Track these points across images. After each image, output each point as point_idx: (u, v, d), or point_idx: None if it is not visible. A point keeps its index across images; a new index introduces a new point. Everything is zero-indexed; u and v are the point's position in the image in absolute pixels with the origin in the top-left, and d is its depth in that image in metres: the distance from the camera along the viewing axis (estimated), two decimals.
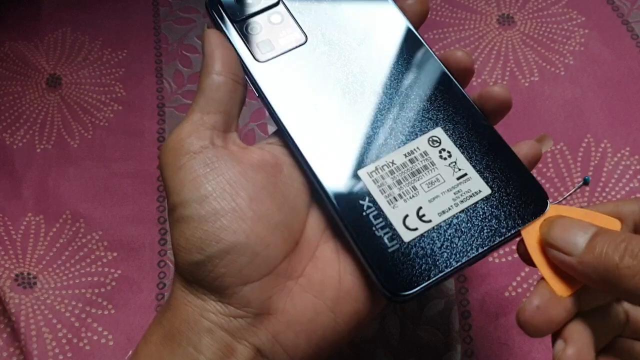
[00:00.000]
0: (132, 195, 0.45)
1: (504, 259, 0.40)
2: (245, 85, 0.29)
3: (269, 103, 0.28)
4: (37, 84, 0.50)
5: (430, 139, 0.27)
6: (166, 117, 0.48)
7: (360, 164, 0.27)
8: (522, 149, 0.28)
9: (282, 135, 0.28)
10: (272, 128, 0.47)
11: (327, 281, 0.26)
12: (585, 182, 0.43)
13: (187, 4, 0.54)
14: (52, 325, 0.40)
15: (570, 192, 0.35)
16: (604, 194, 0.42)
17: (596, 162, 0.43)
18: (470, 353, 0.37)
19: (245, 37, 0.29)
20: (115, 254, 0.42)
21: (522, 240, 0.26)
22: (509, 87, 0.28)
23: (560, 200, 0.31)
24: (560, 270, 0.24)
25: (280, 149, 0.29)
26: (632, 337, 0.27)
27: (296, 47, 0.29)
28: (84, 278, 0.41)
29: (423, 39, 0.30)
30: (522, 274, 0.40)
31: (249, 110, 0.48)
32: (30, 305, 0.40)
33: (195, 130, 0.27)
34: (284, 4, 0.30)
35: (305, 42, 0.29)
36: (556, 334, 0.24)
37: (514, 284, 0.39)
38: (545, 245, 0.24)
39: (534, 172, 0.42)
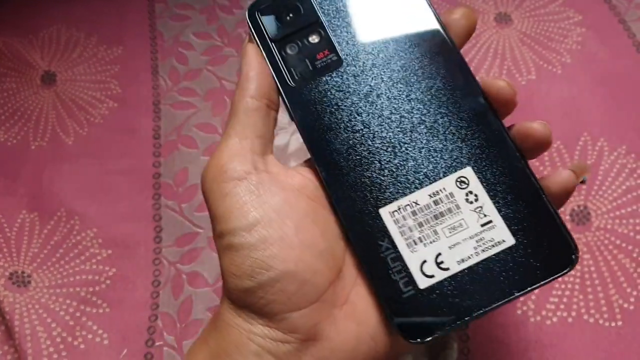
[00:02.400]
0: (127, 192, 0.44)
1: None
2: (278, 110, 0.29)
3: (300, 128, 0.28)
4: (31, 81, 0.49)
5: (458, 180, 0.26)
6: (162, 114, 0.48)
7: (383, 200, 0.26)
8: (558, 179, 0.27)
9: (312, 162, 0.28)
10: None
11: (368, 310, 0.27)
12: (582, 181, 0.43)
13: (182, 1, 0.54)
14: (47, 324, 0.39)
15: None
16: (600, 192, 0.42)
17: (593, 160, 0.43)
18: (466, 351, 0.37)
19: (283, 57, 0.28)
20: (109, 252, 0.42)
21: None
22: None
23: None
24: None
25: (312, 175, 0.29)
26: None
27: (331, 70, 0.28)
28: (79, 276, 0.41)
29: (467, 64, 0.28)
30: None
31: None
32: (24, 304, 0.40)
33: (236, 155, 0.27)
34: (322, 23, 0.29)
35: (341, 65, 0.28)
36: None
37: None
38: None
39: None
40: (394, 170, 0.26)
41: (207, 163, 0.27)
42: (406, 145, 0.27)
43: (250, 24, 0.29)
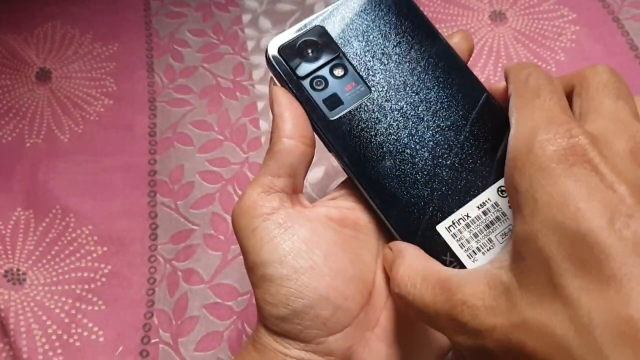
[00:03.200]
0: (122, 189, 0.44)
1: None
2: (314, 145, 0.29)
3: (343, 159, 0.28)
4: (26, 78, 0.49)
5: (499, 190, 0.27)
6: (157, 111, 0.48)
7: (436, 217, 0.27)
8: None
9: (359, 191, 0.28)
10: (264, 123, 0.47)
11: (399, 331, 0.28)
12: None
13: None
14: (42, 321, 0.39)
15: None
16: None
17: None
18: (462, 358, 0.38)
19: (312, 93, 0.29)
20: (105, 249, 0.42)
21: None
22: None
23: None
24: None
25: (343, 203, 0.30)
26: None
27: (362, 99, 0.29)
28: (74, 273, 0.41)
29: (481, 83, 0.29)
30: None
31: (241, 105, 0.48)
32: (19, 302, 0.40)
33: (266, 194, 0.28)
34: (344, 55, 0.29)
35: (370, 92, 0.29)
36: None
37: None
38: None
39: None
40: (441, 187, 0.27)
41: (239, 199, 0.28)
42: (448, 162, 0.28)
43: (273, 62, 0.29)
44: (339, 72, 0.29)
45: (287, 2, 0.53)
